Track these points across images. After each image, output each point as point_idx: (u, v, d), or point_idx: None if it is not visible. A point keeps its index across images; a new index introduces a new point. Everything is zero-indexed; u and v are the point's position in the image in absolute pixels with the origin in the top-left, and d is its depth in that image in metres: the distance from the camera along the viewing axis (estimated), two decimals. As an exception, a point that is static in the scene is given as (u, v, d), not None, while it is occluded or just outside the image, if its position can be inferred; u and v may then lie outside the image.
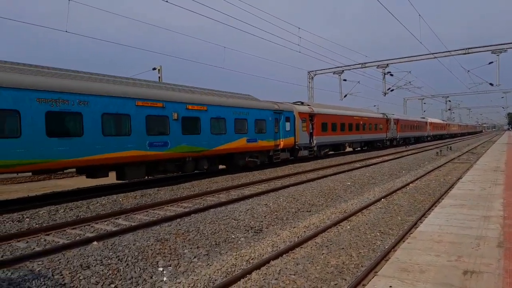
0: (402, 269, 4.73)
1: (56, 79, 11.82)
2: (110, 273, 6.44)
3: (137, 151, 13.90)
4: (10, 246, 7.79)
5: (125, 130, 13.59)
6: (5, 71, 10.75)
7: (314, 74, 39.95)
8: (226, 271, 6.66)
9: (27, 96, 10.84)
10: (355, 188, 15.36)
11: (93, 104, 12.52)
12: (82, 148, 12.20)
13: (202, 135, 16.80)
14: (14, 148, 10.53)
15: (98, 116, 12.67)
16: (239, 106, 19.18)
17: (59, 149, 11.60)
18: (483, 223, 6.83)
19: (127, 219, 10.11)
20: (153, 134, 14.54)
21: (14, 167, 10.65)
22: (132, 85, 14.41)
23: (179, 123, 15.63)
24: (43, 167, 11.48)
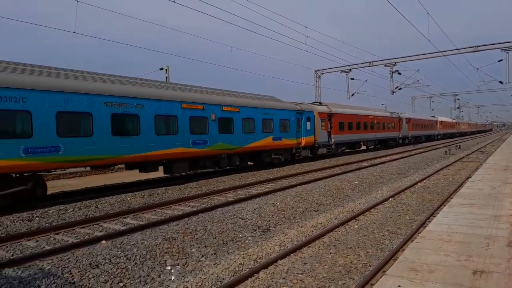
0: (411, 268, 4.70)
1: (118, 85, 13.53)
2: (119, 272, 6.49)
3: (182, 149, 15.54)
4: (20, 245, 7.88)
5: (173, 129, 15.22)
6: (80, 79, 12.47)
7: (321, 73, 39.82)
8: (234, 270, 6.67)
9: (97, 100, 12.49)
10: (362, 187, 15.29)
11: (147, 107, 14.14)
12: (139, 146, 13.82)
13: (235, 134, 18.36)
14: (87, 145, 12.16)
15: (151, 118, 14.28)
16: (266, 107, 20.72)
17: (121, 146, 13.19)
18: (493, 223, 6.76)
19: (135, 218, 10.18)
20: (195, 133, 16.17)
21: (85, 162, 12.37)
22: (178, 90, 16.19)
23: (216, 123, 17.25)
24: (108, 162, 13.18)
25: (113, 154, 12.91)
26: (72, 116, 11.87)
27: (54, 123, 11.37)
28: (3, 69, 10.75)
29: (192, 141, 15.99)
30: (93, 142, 12.30)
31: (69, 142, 11.72)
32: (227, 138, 17.85)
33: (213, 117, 17.07)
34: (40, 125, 11.04)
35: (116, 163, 13.93)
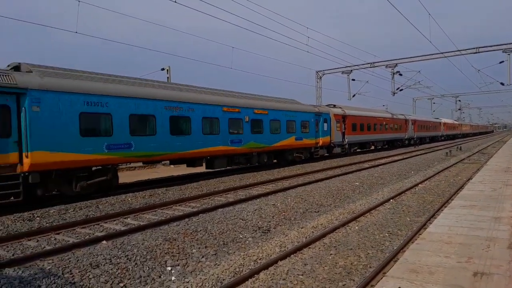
0: (411, 270, 4.70)
1: (175, 92, 15.64)
2: (119, 272, 6.49)
3: (223, 147, 17.66)
4: (21, 244, 7.89)
5: (216, 130, 17.29)
6: (146, 86, 14.54)
7: (322, 74, 39.84)
8: (234, 271, 6.67)
9: (159, 105, 14.55)
10: (363, 188, 15.28)
11: (197, 110, 16.22)
12: (190, 144, 15.88)
13: (264, 134, 20.39)
14: (152, 143, 14.23)
15: (200, 120, 16.35)
16: (290, 110, 22.77)
17: (177, 144, 15.28)
18: (494, 224, 6.75)
19: (136, 218, 10.19)
20: (233, 133, 18.21)
21: (150, 157, 14.44)
22: (220, 95, 18.22)
23: (249, 124, 19.29)
24: (167, 158, 15.46)
25: (170, 151, 15.07)
26: (141, 118, 13.95)
27: (127, 124, 13.39)
28: (91, 78, 12.84)
29: (230, 140, 18.09)
30: (156, 140, 14.42)
31: (138, 140, 13.78)
32: (258, 138, 19.89)
33: (246, 119, 19.17)
34: (118, 125, 13.08)
35: (172, 159, 16.05)
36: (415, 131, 48.15)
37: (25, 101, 10.71)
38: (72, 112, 11.80)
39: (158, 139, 14.44)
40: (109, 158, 12.80)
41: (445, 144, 50.75)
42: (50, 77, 11.56)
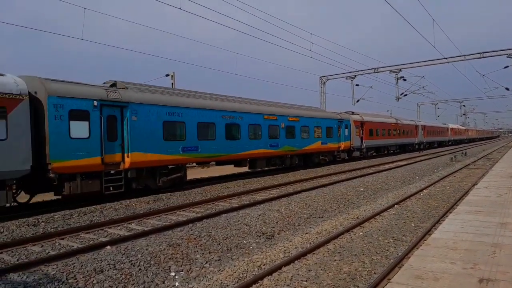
0: (416, 276, 4.67)
1: (228, 103, 18.35)
2: (123, 277, 6.49)
3: (264, 150, 20.19)
4: (25, 250, 7.92)
5: (258, 135, 19.83)
6: (208, 99, 17.22)
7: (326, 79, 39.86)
8: (238, 276, 6.65)
9: (218, 114, 17.18)
10: (368, 194, 15.22)
11: (244, 118, 18.80)
12: (240, 147, 18.44)
13: (296, 139, 22.83)
14: (212, 146, 16.86)
15: (247, 126, 18.93)
16: (317, 117, 25.31)
17: (230, 147, 17.86)
18: (499, 230, 6.70)
19: (140, 224, 10.20)
20: (271, 138, 20.72)
21: (211, 158, 17.31)
22: (261, 104, 20.87)
23: (284, 130, 21.75)
24: (222, 159, 18.00)
25: (225, 153, 17.64)
26: (205, 126, 16.50)
27: (196, 130, 16.01)
28: (169, 93, 15.65)
29: (269, 144, 20.61)
30: (215, 144, 17.06)
31: (203, 143, 16.41)
32: (291, 142, 22.39)
33: (282, 125, 21.66)
34: (189, 131, 15.74)
35: (226, 160, 18.47)
36: (425, 136, 50.25)
37: (127, 112, 13.42)
38: (158, 121, 14.48)
39: (217, 143, 17.17)
40: (183, 158, 15.60)
41: (450, 149, 50.61)
42: (142, 92, 14.25)
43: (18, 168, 10.43)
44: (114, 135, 13.04)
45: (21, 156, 10.48)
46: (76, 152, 11.86)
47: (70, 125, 11.78)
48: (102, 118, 12.66)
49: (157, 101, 14.51)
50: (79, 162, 11.87)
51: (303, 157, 24.63)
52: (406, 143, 43.76)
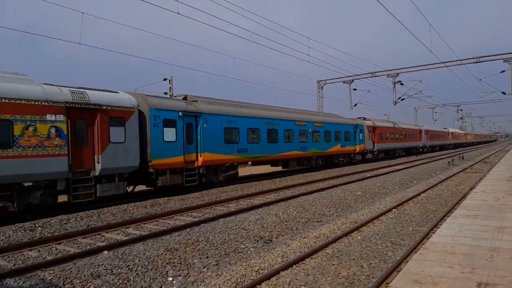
0: (414, 280, 4.66)
1: (269, 111, 21.78)
2: (120, 282, 6.46)
3: (296, 152, 23.44)
4: (22, 255, 7.87)
5: (291, 139, 23.04)
6: (254, 108, 20.68)
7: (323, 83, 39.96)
8: (236, 281, 6.62)
9: (262, 121, 20.58)
10: (365, 198, 15.22)
11: (281, 124, 22.08)
12: (278, 149, 21.75)
13: (320, 142, 26.17)
14: (258, 148, 20.11)
15: (283, 131, 22.17)
16: (337, 123, 28.62)
17: (271, 149, 21.13)
18: (497, 234, 6.71)
19: (137, 228, 10.16)
20: (301, 141, 23.97)
21: (256, 158, 20.53)
22: (292, 112, 24.21)
23: (311, 134, 25.01)
24: (264, 159, 21.42)
25: (267, 154, 20.89)
26: (252, 131, 19.82)
27: (246, 135, 19.32)
28: (226, 104, 19.02)
29: (300, 147, 23.79)
30: (260, 146, 20.28)
31: (251, 146, 19.64)
32: (316, 145, 25.70)
33: (310, 130, 24.84)
34: (242, 136, 19.09)
35: (267, 160, 22.11)
36: (428, 140, 53.64)
37: (200, 121, 16.70)
38: (221, 127, 17.75)
39: (261, 145, 20.36)
40: (237, 158, 18.85)
41: (447, 153, 50.87)
42: (209, 104, 17.61)
43: (132, 164, 13.56)
44: (191, 139, 16.40)
45: (134, 155, 13.63)
46: (168, 152, 15.05)
47: (163, 131, 14.94)
48: (184, 126, 15.92)
49: (220, 111, 17.94)
50: (169, 160, 15.08)
51: (326, 158, 27.98)
52: (412, 147, 47.13)
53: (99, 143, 12.56)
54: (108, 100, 12.99)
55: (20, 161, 10.59)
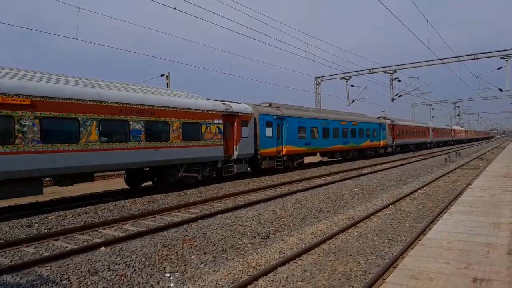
0: (411, 276, 4.68)
1: (324, 114, 27.87)
2: (118, 278, 6.46)
3: (340, 145, 29.42)
4: (19, 251, 7.86)
5: (337, 135, 28.85)
6: (315, 112, 26.97)
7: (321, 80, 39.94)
8: (233, 277, 6.64)
9: (319, 121, 26.46)
10: (362, 194, 15.27)
11: (332, 123, 28.08)
12: (329, 143, 27.74)
13: (356, 138, 32.02)
14: (317, 142, 26.02)
15: (332, 129, 28.06)
16: (367, 122, 34.49)
17: (324, 143, 27.04)
18: (493, 230, 6.75)
19: (135, 224, 10.15)
20: (344, 137, 29.76)
21: (315, 150, 26.39)
22: (337, 114, 30.13)
23: (350, 132, 30.84)
24: (321, 151, 27.71)
25: (322, 147, 26.99)
26: (313, 129, 25.69)
27: (310, 132, 25.24)
28: (299, 109, 25.34)
29: (343, 142, 29.66)
30: (318, 140, 26.29)
31: (313, 140, 25.50)
32: (354, 140, 31.54)
33: (349, 128, 30.63)
34: (307, 133, 24.90)
35: (322, 151, 28.47)
36: (434, 137, 59.55)
37: (284, 122, 22.64)
38: (295, 126, 23.78)
39: (318, 140, 26.33)
40: (305, 149, 24.85)
41: (444, 150, 51.13)
42: (289, 109, 23.73)
43: (251, 152, 19.80)
44: (279, 135, 22.37)
45: (252, 146, 19.86)
46: (268, 144, 21.25)
47: (266, 130, 21.16)
48: (276, 126, 21.99)
49: (295, 115, 24.01)
50: (268, 150, 21.34)
51: (359, 151, 33.85)
52: (421, 142, 53.23)
53: (236, 137, 18.75)
54: (239, 109, 19.14)
55: (204, 148, 16.74)
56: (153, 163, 14.60)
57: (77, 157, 11.92)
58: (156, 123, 14.56)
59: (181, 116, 15.57)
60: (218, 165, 17.78)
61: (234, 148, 18.59)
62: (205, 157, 16.75)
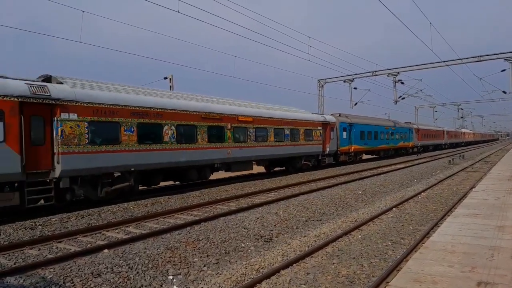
0: (415, 279, 4.66)
1: (375, 121, 37.02)
2: (121, 281, 6.47)
3: (384, 145, 37.40)
4: (22, 253, 7.88)
5: (383, 138, 36.80)
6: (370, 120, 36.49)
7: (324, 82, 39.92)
8: (236, 280, 6.63)
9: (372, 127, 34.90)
10: (366, 197, 15.22)
11: (378, 128, 35.75)
12: (376, 144, 35.60)
13: (394, 140, 40.30)
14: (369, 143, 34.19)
15: (379, 132, 35.83)
16: (401, 127, 43.20)
17: (375, 143, 35.39)
18: (497, 233, 6.71)
19: (138, 227, 10.17)
20: (386, 139, 37.81)
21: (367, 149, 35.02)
22: (381, 120, 38.86)
23: (390, 134, 39.10)
24: (371, 150, 35.99)
25: (374, 147, 34.88)
26: (369, 132, 33.75)
27: (367, 135, 33.32)
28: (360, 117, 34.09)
29: (386, 142, 37.87)
30: (371, 141, 34.31)
31: (368, 141, 33.70)
32: (392, 141, 39.89)
33: (390, 132, 38.87)
34: (365, 135, 33.07)
35: (373, 150, 36.23)
36: (448, 139, 68.03)
37: (352, 127, 30.97)
38: (358, 131, 31.60)
39: (371, 141, 34.39)
40: (364, 148, 33.22)
41: (447, 152, 51.08)
42: (353, 118, 31.97)
43: (335, 149, 28.24)
44: (349, 137, 30.53)
45: (335, 145, 28.24)
46: (344, 144, 29.63)
47: (343, 133, 29.49)
48: (348, 130, 30.26)
49: (358, 122, 32.33)
50: (344, 148, 29.79)
51: (395, 150, 42.08)
52: (438, 144, 61.97)
53: (328, 139, 27.22)
54: (329, 119, 27.95)
55: (314, 146, 25.48)
56: (290, 155, 23.20)
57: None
58: (295, 130, 23.46)
59: (304, 125, 24.49)
60: (319, 157, 26.57)
61: (326, 146, 27.19)
62: (314, 152, 25.65)
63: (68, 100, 11.75)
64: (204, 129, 16.73)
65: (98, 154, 12.50)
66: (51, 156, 11.42)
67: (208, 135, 16.92)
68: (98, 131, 12.58)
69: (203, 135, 16.64)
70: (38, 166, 11.07)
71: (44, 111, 11.29)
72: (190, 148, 15.98)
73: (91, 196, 12.80)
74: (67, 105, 11.70)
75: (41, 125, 11.27)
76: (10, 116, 10.40)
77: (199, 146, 16.42)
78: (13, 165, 10.38)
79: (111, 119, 12.98)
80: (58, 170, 11.40)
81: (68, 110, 11.73)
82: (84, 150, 12.11)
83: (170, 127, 15.13)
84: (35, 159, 10.99)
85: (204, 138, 16.71)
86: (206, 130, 16.81)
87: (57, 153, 11.44)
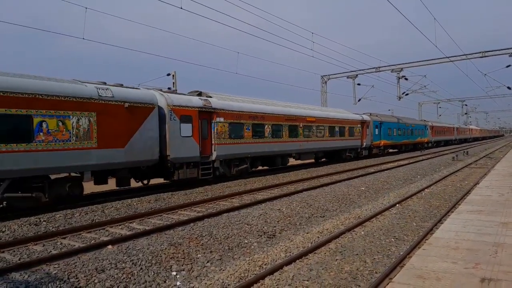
0: (418, 276, 4.66)
1: (406, 120, 44.25)
2: (124, 277, 6.50)
3: (406, 141, 43.39)
4: (27, 249, 7.93)
5: (406, 134, 43.29)
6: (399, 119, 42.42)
7: (327, 78, 39.81)
8: (239, 276, 6.65)
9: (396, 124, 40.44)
10: (369, 193, 15.20)
11: (401, 126, 41.77)
12: (399, 139, 41.44)
13: (413, 135, 45.79)
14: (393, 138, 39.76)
15: (402, 129, 41.65)
16: (419, 124, 48.65)
17: (399, 139, 41.07)
18: (501, 230, 6.68)
19: (141, 223, 10.20)
20: (407, 135, 43.58)
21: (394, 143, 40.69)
22: (408, 120, 45.51)
23: (410, 131, 44.37)
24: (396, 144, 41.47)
25: (398, 141, 41.09)
26: (398, 129, 40.62)
27: (392, 131, 38.89)
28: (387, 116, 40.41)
29: (407, 138, 42.85)
30: (396, 137, 40.07)
31: (394, 137, 39.43)
32: (412, 137, 45.26)
33: (410, 128, 43.65)
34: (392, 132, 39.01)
35: (397, 145, 41.75)
36: (457, 134, 73.29)
37: (381, 125, 36.13)
38: (386, 128, 37.11)
39: (396, 137, 39.76)
40: (390, 143, 38.66)
41: (452, 148, 50.91)
42: (382, 117, 37.19)
43: (369, 144, 33.59)
44: (379, 133, 35.15)
45: (370, 140, 33.57)
46: (375, 139, 34.81)
47: (375, 130, 34.69)
48: (379, 127, 35.16)
49: (386, 120, 36.75)
50: (376, 143, 34.94)
51: (414, 145, 47.16)
52: (449, 139, 67.27)
53: (364, 134, 32.21)
54: (365, 118, 32.87)
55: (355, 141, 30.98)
56: (339, 148, 28.64)
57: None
58: (342, 128, 28.72)
59: (349, 123, 29.67)
60: (358, 150, 31.63)
61: (364, 141, 32.21)
62: (355, 145, 30.90)
63: (219, 109, 17.43)
64: (286, 128, 22.27)
65: (233, 145, 18.22)
66: (210, 146, 17.04)
67: (289, 132, 22.44)
68: (233, 129, 18.23)
69: (286, 132, 22.17)
70: (205, 152, 16.65)
71: (208, 116, 16.87)
72: (279, 141, 21.55)
73: (227, 173, 18.18)
74: (218, 112, 17.41)
75: (206, 126, 16.81)
76: (194, 120, 15.96)
77: (284, 140, 22.02)
78: (196, 151, 16.02)
79: (239, 121, 18.67)
80: (214, 155, 17.14)
81: (219, 115, 17.42)
82: (227, 142, 17.84)
83: (269, 126, 20.70)
84: (204, 147, 16.55)
85: (287, 134, 22.24)
86: (288, 128, 22.35)
87: (214, 144, 17.11)
